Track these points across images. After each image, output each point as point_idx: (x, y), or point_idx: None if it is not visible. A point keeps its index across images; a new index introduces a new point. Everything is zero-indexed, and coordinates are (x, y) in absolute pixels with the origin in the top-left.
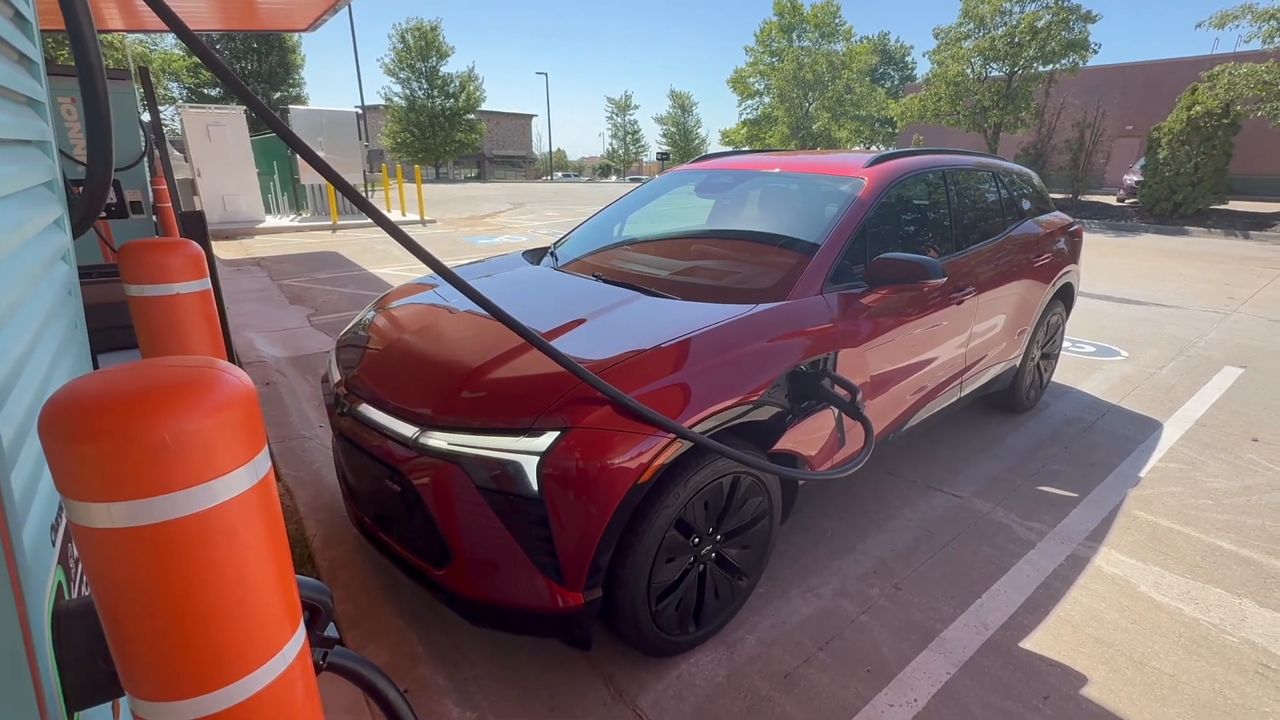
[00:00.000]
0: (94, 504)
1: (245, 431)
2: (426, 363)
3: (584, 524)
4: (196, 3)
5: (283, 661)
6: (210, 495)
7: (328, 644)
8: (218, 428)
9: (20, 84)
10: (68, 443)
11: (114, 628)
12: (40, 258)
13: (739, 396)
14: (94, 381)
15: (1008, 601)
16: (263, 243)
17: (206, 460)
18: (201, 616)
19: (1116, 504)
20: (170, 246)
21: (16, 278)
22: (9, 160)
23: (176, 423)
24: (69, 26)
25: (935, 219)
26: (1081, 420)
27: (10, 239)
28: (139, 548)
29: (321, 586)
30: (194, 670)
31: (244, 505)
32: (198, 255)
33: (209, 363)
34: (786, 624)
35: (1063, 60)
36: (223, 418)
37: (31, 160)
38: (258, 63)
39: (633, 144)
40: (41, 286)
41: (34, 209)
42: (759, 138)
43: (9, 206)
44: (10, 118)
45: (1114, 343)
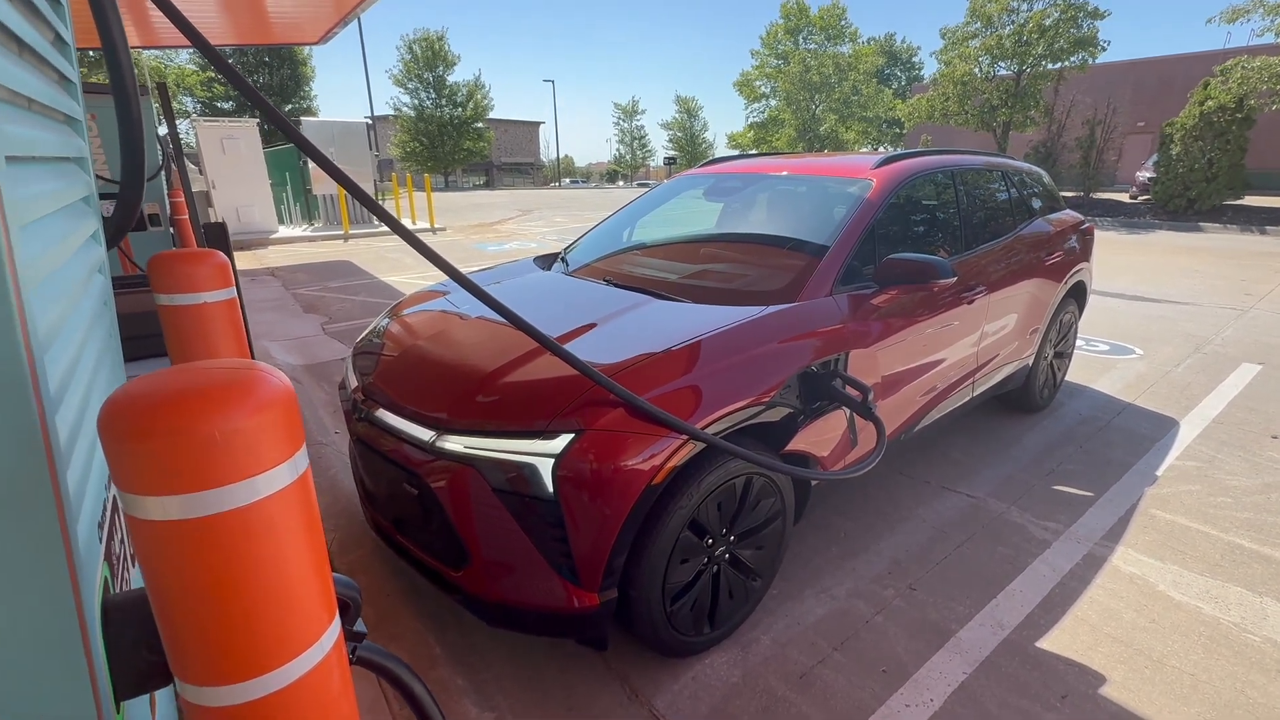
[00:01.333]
0: (149, 497)
1: (286, 429)
2: (442, 368)
3: (599, 525)
4: (211, 18)
5: (320, 651)
6: (255, 490)
7: (357, 638)
8: (261, 426)
9: (61, 103)
10: (125, 439)
11: (165, 615)
12: (82, 270)
13: (750, 398)
14: (149, 382)
15: (1024, 601)
16: (276, 253)
17: (252, 456)
18: (246, 605)
19: (1133, 503)
20: (198, 257)
21: (65, 290)
22: (54, 177)
23: (225, 420)
24: (105, 48)
25: (945, 219)
26: (1096, 419)
27: (59, 253)
28: (189, 539)
29: (351, 582)
30: (238, 657)
31: (285, 500)
32: (224, 265)
33: (251, 365)
34: (801, 625)
35: (1072, 58)
36: (266, 416)
37: (72, 176)
38: (269, 76)
39: (639, 149)
40: (84, 298)
41: (75, 223)
42: (766, 141)
43: (56, 221)
44: (54, 136)
45: (1128, 341)
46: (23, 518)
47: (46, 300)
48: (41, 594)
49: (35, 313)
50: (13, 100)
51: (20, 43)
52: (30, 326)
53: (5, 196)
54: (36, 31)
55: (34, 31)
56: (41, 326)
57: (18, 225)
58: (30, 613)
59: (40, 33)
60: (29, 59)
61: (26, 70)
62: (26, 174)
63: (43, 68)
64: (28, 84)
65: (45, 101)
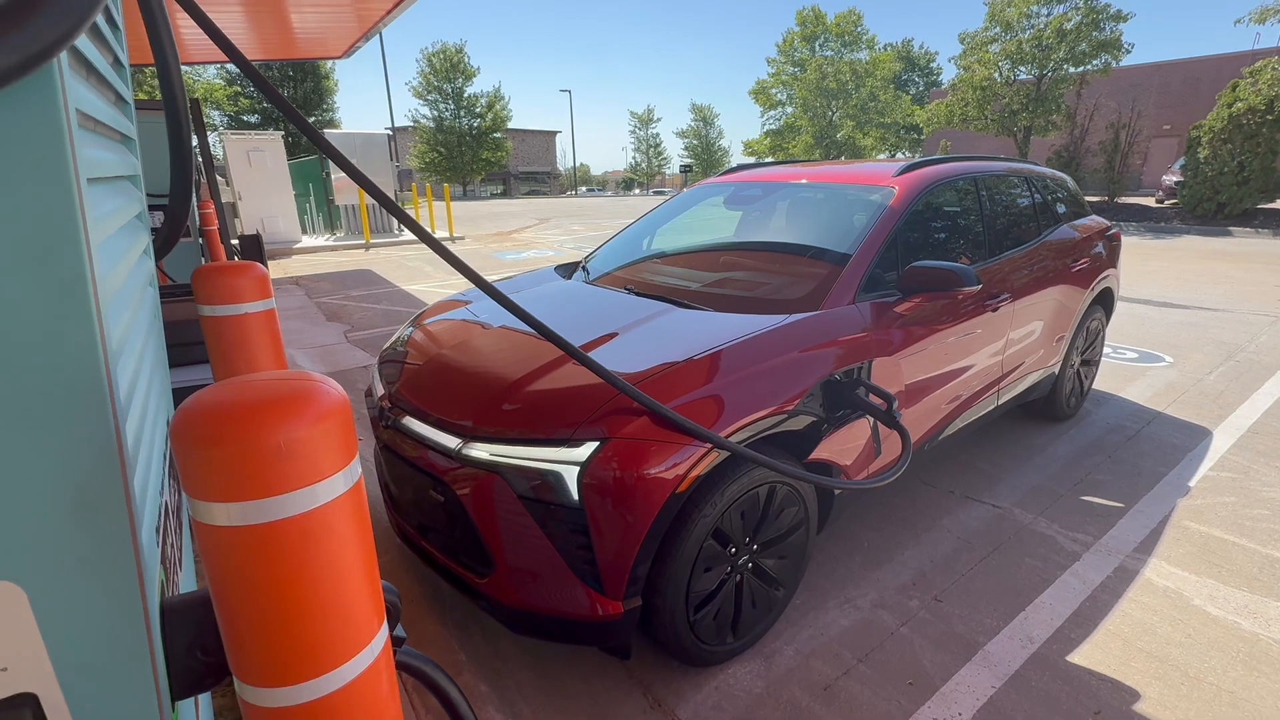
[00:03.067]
0: (215, 503)
1: (342, 439)
2: (467, 376)
3: (623, 533)
4: (239, 34)
5: (370, 655)
6: (314, 497)
7: (397, 642)
8: (320, 435)
9: (119, 123)
10: (195, 447)
11: (227, 617)
12: (140, 283)
13: (773, 406)
14: (217, 393)
15: (1053, 614)
16: (300, 262)
17: (311, 465)
18: (304, 609)
19: (1166, 514)
20: (239, 269)
21: (129, 302)
22: (116, 195)
23: (287, 430)
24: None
25: (968, 226)
26: (1126, 428)
27: (123, 268)
28: (253, 544)
29: (391, 587)
30: (296, 659)
31: (341, 507)
32: (263, 276)
33: (308, 376)
34: (825, 635)
35: (1094, 61)
36: (324, 426)
37: (129, 194)
38: (294, 89)
39: (655, 157)
40: (141, 309)
41: (133, 239)
42: (782, 148)
43: (120, 238)
44: (114, 155)
45: (1157, 348)
46: (100, 522)
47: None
48: (114, 596)
49: (110, 325)
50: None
51: (89, 66)
52: (106, 338)
53: (88, 216)
54: (100, 54)
55: (99, 54)
56: (114, 338)
57: (97, 243)
58: (104, 614)
59: (104, 54)
60: (94, 81)
61: (94, 93)
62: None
63: (104, 89)
64: (97, 107)
65: (107, 122)
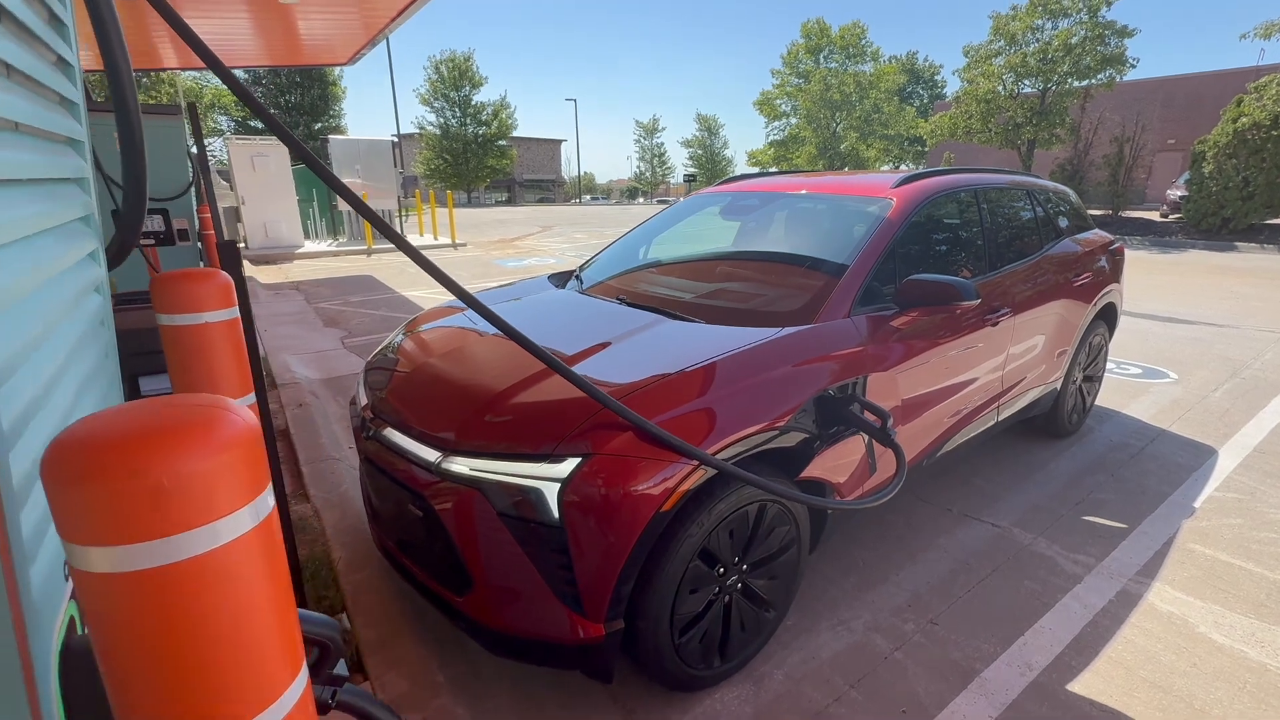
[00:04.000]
0: (92, 548)
1: (248, 471)
2: (450, 387)
3: (605, 553)
4: (247, 41)
5: (282, 709)
6: (211, 538)
7: (337, 682)
8: (219, 469)
9: (60, 125)
10: (65, 485)
11: (111, 672)
12: (71, 291)
13: (764, 422)
14: (95, 422)
15: (1053, 640)
16: (301, 267)
17: (207, 502)
18: (200, 662)
19: (1170, 536)
20: (200, 276)
21: (41, 314)
22: (39, 199)
23: (175, 465)
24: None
25: (968, 239)
26: (1129, 446)
27: (35, 276)
28: (138, 592)
29: (330, 622)
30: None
31: (245, 547)
32: (227, 285)
33: (214, 402)
34: (816, 659)
35: (1098, 75)
36: (224, 459)
37: (68, 198)
38: (301, 95)
39: (659, 166)
40: (71, 319)
41: (66, 244)
42: (786, 158)
43: (39, 244)
44: (45, 158)
45: (1162, 364)
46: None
47: (13, 325)
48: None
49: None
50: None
51: (8, 67)
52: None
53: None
54: (32, 55)
55: (28, 55)
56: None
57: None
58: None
59: (37, 56)
60: (19, 82)
61: (15, 95)
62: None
63: (38, 90)
64: (15, 108)
65: (39, 124)
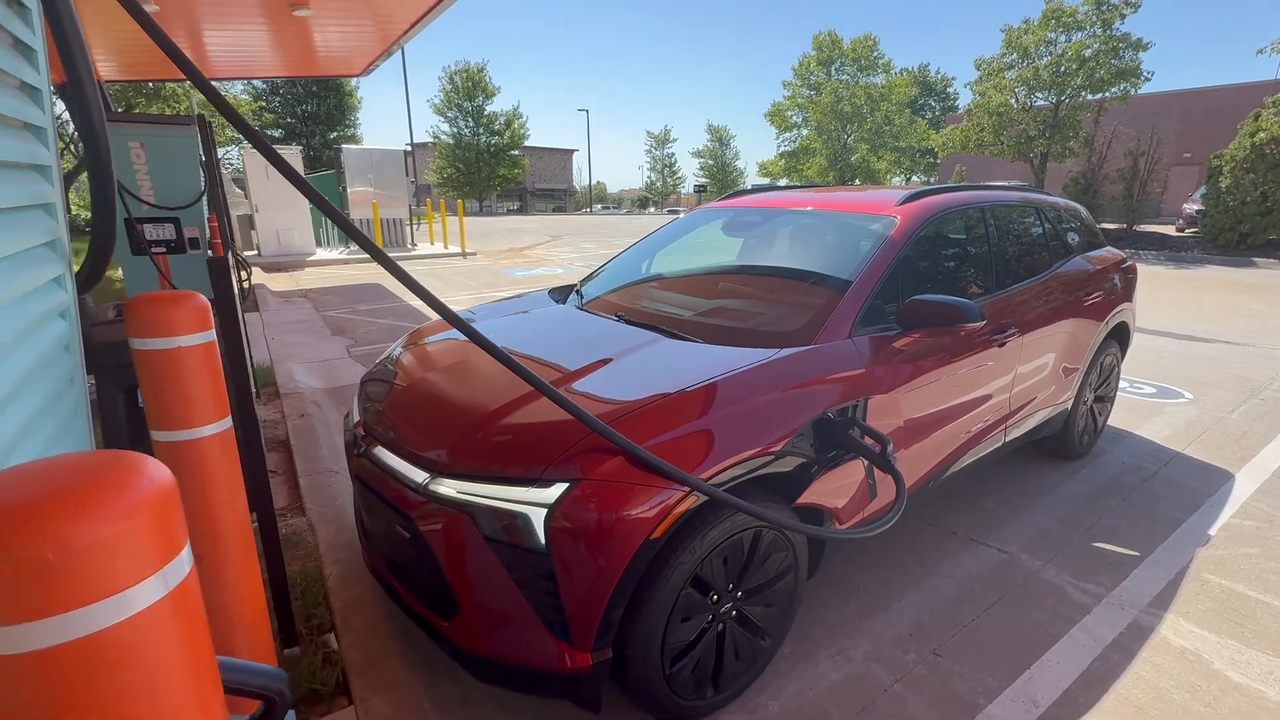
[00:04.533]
0: None
1: (156, 536)
2: (442, 406)
3: (593, 581)
4: (264, 52)
5: None
6: (113, 611)
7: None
8: (118, 537)
9: (22, 152)
10: None
11: None
12: (30, 316)
13: (759, 447)
14: None
15: (1060, 674)
16: (311, 275)
17: (104, 574)
18: None
19: (1184, 565)
20: (174, 299)
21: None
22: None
23: (65, 537)
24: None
25: (974, 257)
26: (1142, 469)
27: None
28: (24, 675)
29: (276, 673)
30: None
31: (153, 619)
32: (202, 308)
33: (117, 460)
34: (813, 690)
35: (1113, 89)
36: (124, 526)
37: (29, 224)
38: (317, 105)
39: (670, 176)
40: (28, 344)
41: (25, 271)
42: (797, 169)
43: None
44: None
45: (1177, 383)
46: None
47: None
48: None
49: None
50: None
51: None
52: None
53: None
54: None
55: None
56: None
57: None
58: None
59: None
60: None
61: None
62: None
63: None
64: None
65: None
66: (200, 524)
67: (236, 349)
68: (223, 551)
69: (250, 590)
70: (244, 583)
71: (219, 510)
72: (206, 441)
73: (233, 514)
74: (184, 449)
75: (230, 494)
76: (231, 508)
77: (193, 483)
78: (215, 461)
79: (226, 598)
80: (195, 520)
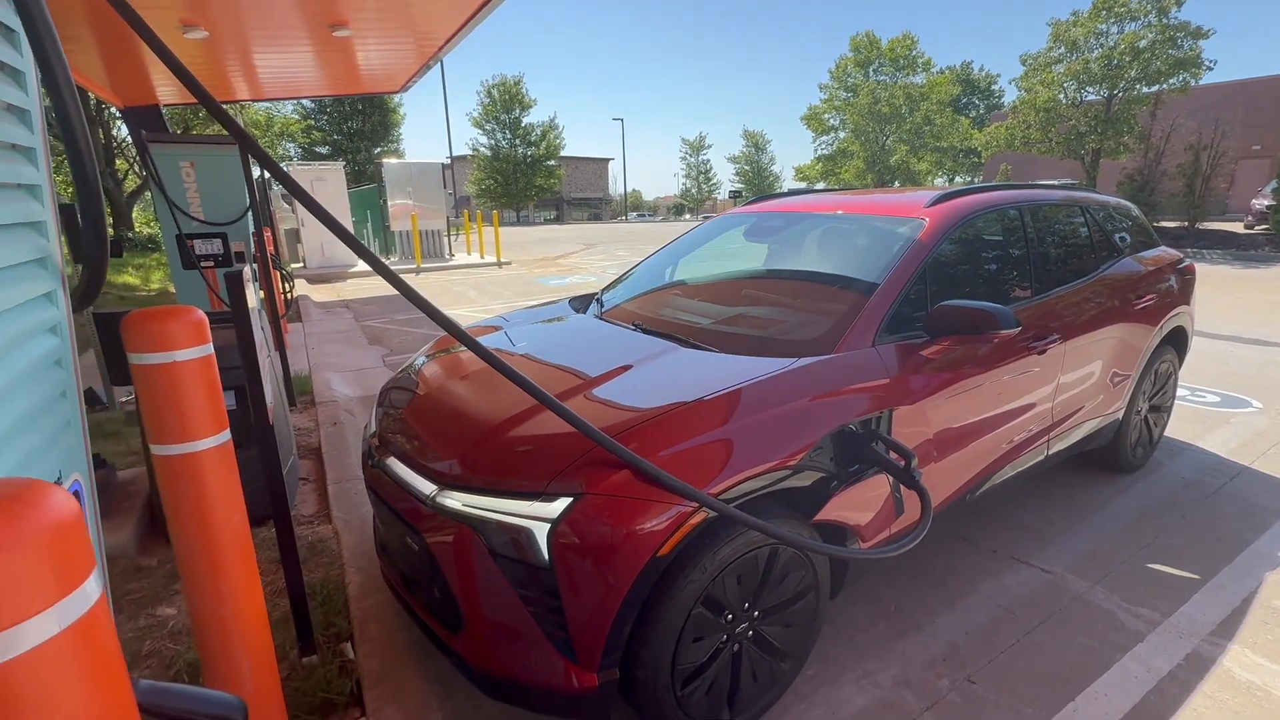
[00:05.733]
0: None
1: (51, 568)
2: (452, 417)
3: (598, 598)
4: (309, 72)
5: None
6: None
7: None
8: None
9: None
10: None
11: None
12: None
13: (775, 461)
14: None
15: (1109, 708)
16: (353, 286)
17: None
18: None
19: (1251, 591)
20: (171, 314)
21: None
22: None
23: None
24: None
25: (1012, 260)
26: (1203, 484)
27: None
28: None
29: (234, 702)
30: None
31: (48, 655)
32: (199, 322)
33: (12, 490)
34: (836, 716)
35: (1171, 80)
36: (10, 558)
37: (14, 242)
38: (362, 123)
39: (705, 183)
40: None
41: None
42: (834, 173)
43: None
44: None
45: (1244, 391)
46: None
47: None
48: None
49: None
50: None
51: None
52: None
53: None
54: None
55: None
56: None
57: None
58: None
59: None
60: None
61: None
62: None
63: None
64: None
65: None
66: (197, 537)
67: (252, 366)
68: (220, 564)
69: (249, 603)
70: (242, 595)
71: (217, 523)
72: (203, 455)
73: (231, 526)
74: (181, 462)
75: (228, 507)
76: (229, 520)
77: (190, 496)
78: (213, 474)
79: (223, 610)
80: (192, 533)
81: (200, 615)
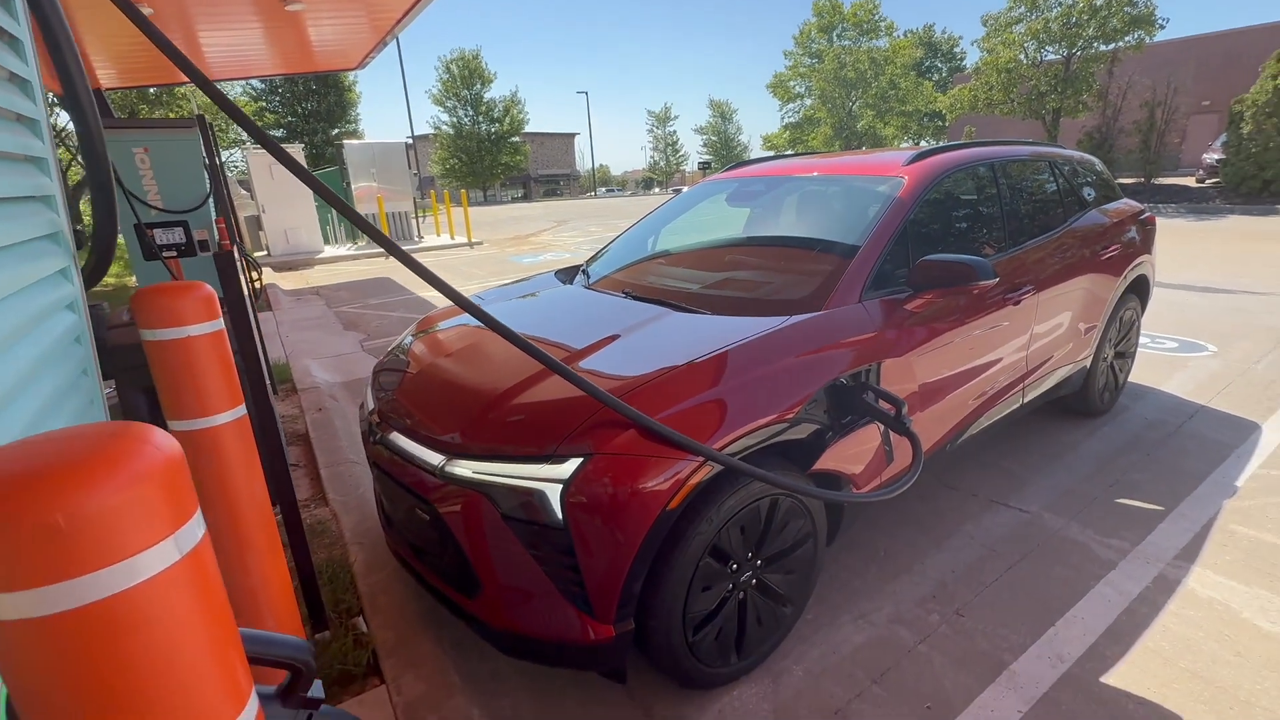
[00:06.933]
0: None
1: (166, 503)
2: (454, 389)
3: (611, 554)
4: (260, 50)
5: None
6: (124, 576)
7: (312, 704)
8: (126, 504)
9: (13, 143)
10: None
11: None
12: (33, 309)
13: (772, 415)
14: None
15: (1086, 630)
16: (321, 272)
17: (116, 539)
18: (128, 705)
19: (1210, 518)
20: (181, 290)
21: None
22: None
23: (72, 502)
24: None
25: (986, 215)
26: (1165, 423)
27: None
28: (47, 639)
29: (300, 644)
30: None
31: (168, 583)
32: (209, 297)
33: (124, 431)
34: (837, 654)
35: (1126, 38)
36: (133, 492)
37: (29, 216)
38: (317, 103)
39: (674, 155)
40: (22, 344)
41: (25, 263)
42: (802, 140)
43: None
44: None
45: (1200, 337)
46: None
47: None
48: None
49: None
50: None
51: None
52: None
53: None
54: None
55: None
56: None
57: None
58: None
59: None
60: None
61: None
62: None
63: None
64: None
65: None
66: (220, 510)
67: (248, 342)
68: (245, 536)
69: (275, 573)
70: (268, 566)
71: (238, 496)
72: (222, 429)
73: (252, 499)
74: (200, 437)
75: (249, 479)
76: (250, 492)
77: (211, 470)
78: (232, 448)
79: (251, 581)
80: (215, 507)
81: (229, 589)
